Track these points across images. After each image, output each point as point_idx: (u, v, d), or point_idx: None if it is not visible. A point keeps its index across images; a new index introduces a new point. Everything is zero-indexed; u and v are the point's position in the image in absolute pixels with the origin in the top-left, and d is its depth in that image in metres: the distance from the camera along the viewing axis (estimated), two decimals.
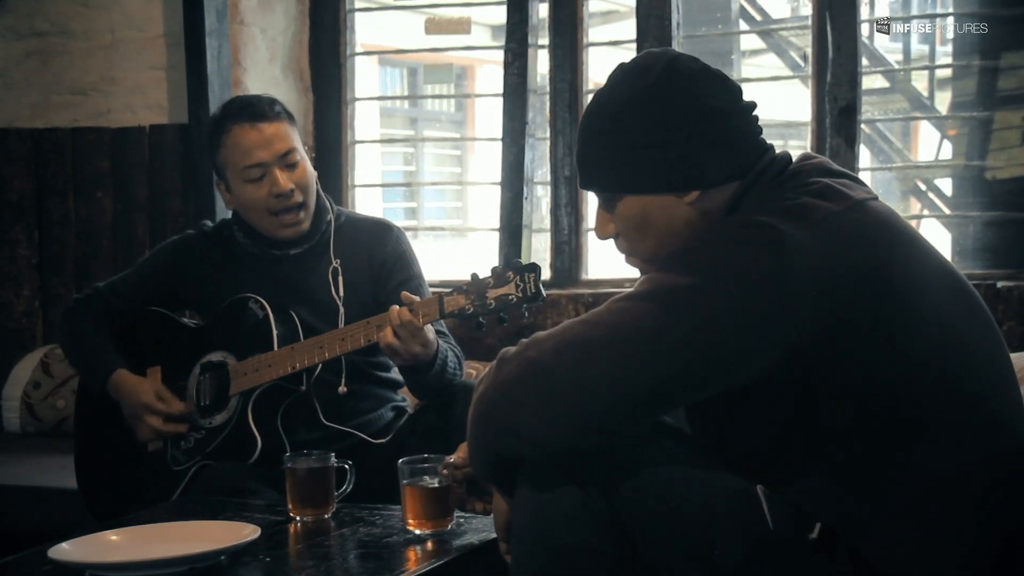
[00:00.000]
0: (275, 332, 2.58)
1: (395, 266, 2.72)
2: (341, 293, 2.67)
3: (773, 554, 1.61)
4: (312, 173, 2.68)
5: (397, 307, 2.41)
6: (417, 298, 2.44)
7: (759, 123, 1.77)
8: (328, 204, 2.75)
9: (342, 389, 2.64)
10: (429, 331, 2.44)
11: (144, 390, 2.67)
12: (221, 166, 2.68)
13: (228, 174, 2.66)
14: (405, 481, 2.03)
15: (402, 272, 2.70)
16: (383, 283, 2.69)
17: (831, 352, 1.57)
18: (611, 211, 1.78)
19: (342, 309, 2.65)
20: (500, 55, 3.85)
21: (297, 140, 2.67)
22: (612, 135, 1.73)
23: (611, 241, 1.83)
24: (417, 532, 2.02)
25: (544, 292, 2.34)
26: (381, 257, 2.72)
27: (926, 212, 4.82)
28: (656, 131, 1.70)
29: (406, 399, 2.83)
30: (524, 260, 2.72)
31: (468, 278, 2.40)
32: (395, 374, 2.79)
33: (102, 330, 2.78)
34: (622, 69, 1.77)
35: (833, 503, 1.61)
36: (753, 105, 1.77)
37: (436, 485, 2.01)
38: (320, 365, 2.58)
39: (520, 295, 2.33)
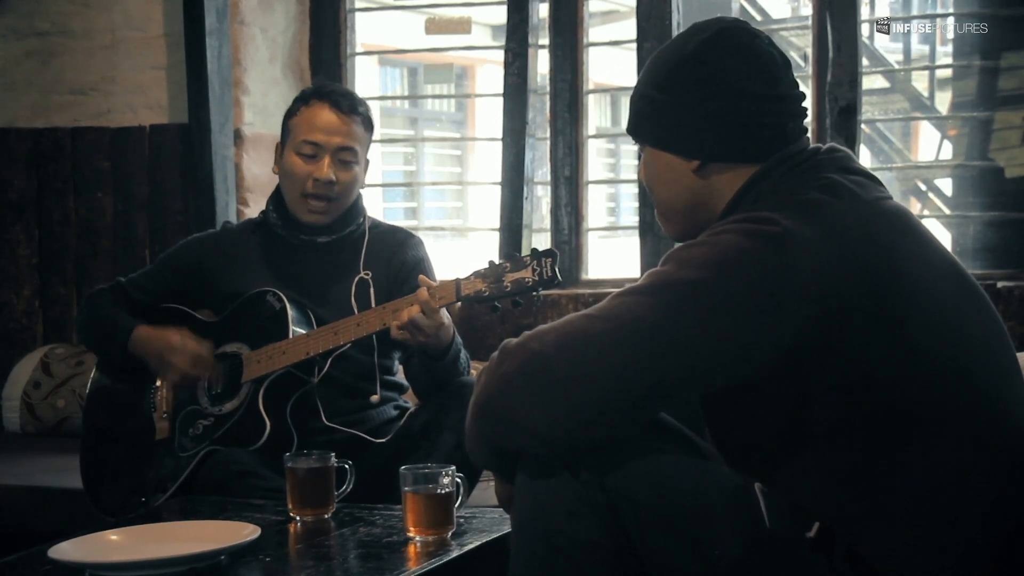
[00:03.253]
0: (291, 321, 2.61)
1: (414, 271, 2.75)
2: (355, 302, 2.69)
3: (770, 552, 1.61)
4: (360, 182, 2.74)
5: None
6: (433, 282, 2.47)
7: (801, 115, 1.77)
8: (363, 210, 2.80)
9: (375, 398, 2.69)
10: (446, 317, 2.47)
11: (170, 332, 2.69)
12: (287, 132, 2.75)
13: (288, 141, 2.74)
14: (407, 488, 2.01)
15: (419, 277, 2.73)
16: (399, 286, 2.73)
17: (832, 349, 1.57)
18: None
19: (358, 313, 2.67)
20: (500, 55, 3.85)
21: (363, 146, 2.73)
22: (643, 83, 1.80)
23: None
24: (418, 540, 2.01)
25: (559, 276, 2.37)
26: (400, 261, 2.78)
27: (926, 212, 4.82)
28: (674, 92, 1.74)
29: (408, 403, 2.84)
30: None
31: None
32: (400, 377, 2.82)
33: (120, 310, 2.80)
34: (690, 26, 1.82)
35: (831, 501, 1.61)
36: (793, 96, 1.76)
37: (438, 493, 2.01)
38: (329, 362, 2.62)
39: (536, 278, 2.36)
